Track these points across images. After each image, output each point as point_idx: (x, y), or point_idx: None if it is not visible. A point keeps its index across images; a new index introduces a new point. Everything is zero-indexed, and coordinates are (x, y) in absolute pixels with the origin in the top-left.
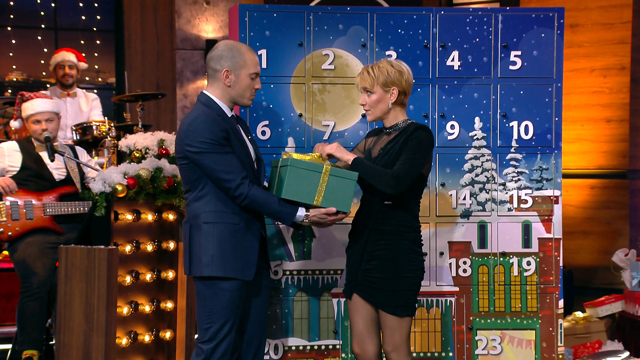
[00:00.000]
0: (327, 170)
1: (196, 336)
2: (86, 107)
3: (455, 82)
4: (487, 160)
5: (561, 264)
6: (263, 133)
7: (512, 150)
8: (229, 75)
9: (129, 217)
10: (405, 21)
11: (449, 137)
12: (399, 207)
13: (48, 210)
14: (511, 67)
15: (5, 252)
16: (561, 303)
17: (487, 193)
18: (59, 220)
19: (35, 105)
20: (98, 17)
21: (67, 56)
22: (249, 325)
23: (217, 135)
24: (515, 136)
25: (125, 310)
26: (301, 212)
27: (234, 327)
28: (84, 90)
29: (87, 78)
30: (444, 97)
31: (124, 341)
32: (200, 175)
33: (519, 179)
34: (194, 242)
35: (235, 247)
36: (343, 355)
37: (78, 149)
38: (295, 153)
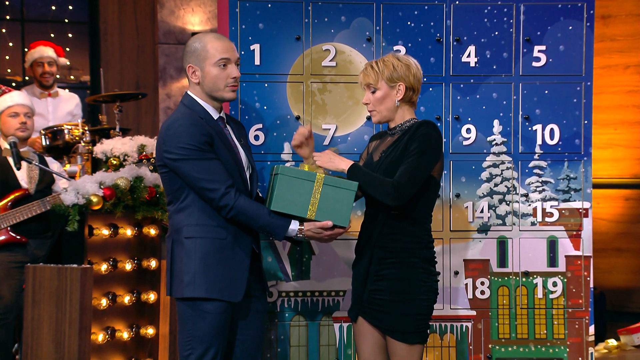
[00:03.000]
0: (321, 179)
1: None
2: (69, 109)
3: (472, 80)
4: (507, 169)
5: (592, 285)
6: (256, 138)
7: (536, 157)
8: (195, 72)
9: (105, 232)
10: (416, 12)
11: (465, 142)
12: (407, 219)
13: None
14: (535, 64)
15: None
16: (592, 329)
17: (508, 205)
18: (22, 231)
19: (15, 97)
20: (70, 8)
21: (46, 51)
22: (240, 354)
23: (197, 140)
24: (539, 141)
25: (100, 337)
26: (294, 225)
27: (219, 355)
28: (67, 90)
29: (58, 76)
30: (459, 97)
31: None
32: (182, 184)
33: (544, 190)
34: (176, 259)
35: (221, 264)
36: None
37: (48, 159)
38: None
